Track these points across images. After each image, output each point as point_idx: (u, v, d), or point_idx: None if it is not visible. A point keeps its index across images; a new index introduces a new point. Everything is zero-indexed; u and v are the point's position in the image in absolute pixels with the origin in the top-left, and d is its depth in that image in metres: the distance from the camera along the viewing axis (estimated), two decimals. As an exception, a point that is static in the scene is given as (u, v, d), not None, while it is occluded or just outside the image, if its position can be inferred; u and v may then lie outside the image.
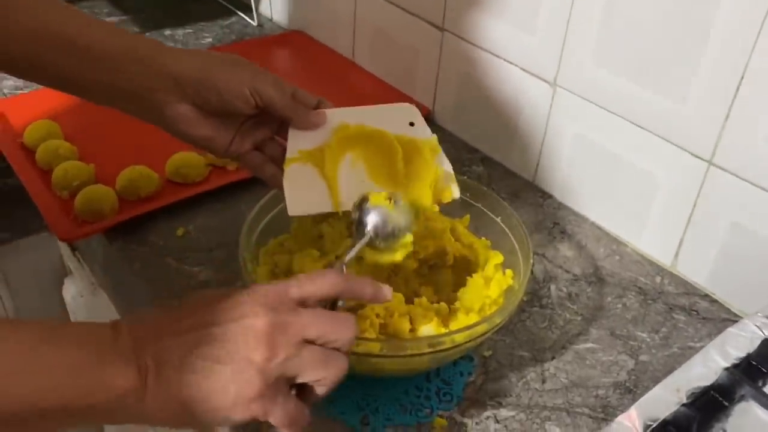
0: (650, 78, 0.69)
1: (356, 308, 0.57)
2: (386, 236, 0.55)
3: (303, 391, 0.46)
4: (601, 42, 0.72)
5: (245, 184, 0.82)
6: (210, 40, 1.17)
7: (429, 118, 0.99)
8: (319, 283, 0.47)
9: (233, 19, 1.24)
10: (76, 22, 0.59)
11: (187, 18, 1.23)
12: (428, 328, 0.55)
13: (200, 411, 0.42)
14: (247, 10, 1.24)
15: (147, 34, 1.18)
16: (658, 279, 0.74)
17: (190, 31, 1.19)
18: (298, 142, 0.61)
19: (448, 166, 0.61)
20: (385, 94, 1.02)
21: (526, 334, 0.66)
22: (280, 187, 0.60)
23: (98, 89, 0.60)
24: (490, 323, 0.54)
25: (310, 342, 0.44)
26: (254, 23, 1.23)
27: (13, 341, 0.40)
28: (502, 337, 0.65)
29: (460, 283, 0.64)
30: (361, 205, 0.56)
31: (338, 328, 0.45)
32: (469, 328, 0.53)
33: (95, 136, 0.90)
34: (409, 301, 0.60)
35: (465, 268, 0.65)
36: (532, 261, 0.60)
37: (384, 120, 0.62)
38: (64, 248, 1.01)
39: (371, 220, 0.55)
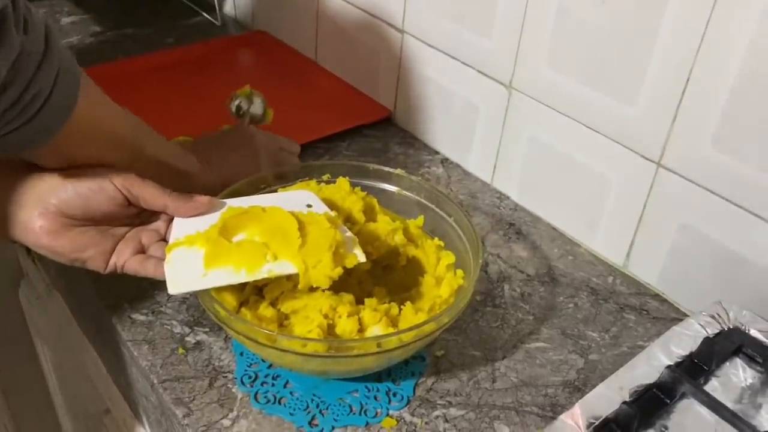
0: (601, 80, 0.70)
1: (304, 307, 0.57)
2: (253, 115, 0.79)
3: None
4: (554, 45, 0.73)
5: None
6: (172, 40, 1.16)
7: (391, 119, 0.99)
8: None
9: (197, 18, 1.24)
10: None
11: (150, 18, 1.22)
12: (376, 329, 0.55)
13: None
14: (211, 10, 1.23)
15: (108, 33, 1.16)
16: (610, 279, 0.75)
17: (153, 31, 1.18)
18: (183, 226, 0.57)
19: (348, 233, 0.58)
20: (348, 95, 1.03)
21: (479, 333, 0.67)
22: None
23: None
24: (438, 322, 0.54)
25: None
26: (218, 23, 1.22)
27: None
28: (455, 337, 0.66)
29: (413, 284, 0.65)
30: (233, 101, 0.79)
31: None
32: (416, 327, 0.53)
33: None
34: (362, 302, 0.60)
35: (418, 268, 0.65)
36: (481, 261, 0.60)
37: (280, 203, 0.59)
38: (20, 250, 1.00)
39: (244, 105, 0.79)
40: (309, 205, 0.61)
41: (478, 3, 0.80)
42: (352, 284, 0.64)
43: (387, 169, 0.70)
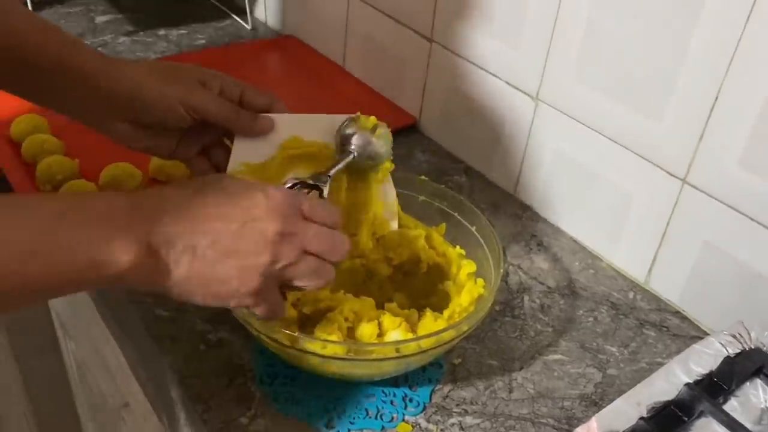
0: (628, 95, 0.70)
1: (325, 310, 0.58)
2: (366, 160, 0.60)
3: (286, 287, 0.51)
4: (582, 58, 0.73)
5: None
6: (203, 41, 1.18)
7: (415, 127, 1.00)
8: (328, 214, 0.51)
9: (227, 21, 1.25)
10: (26, 25, 0.60)
11: (182, 19, 1.24)
12: (396, 333, 0.56)
13: (199, 293, 0.47)
14: (242, 13, 1.25)
15: (141, 33, 1.18)
16: (630, 294, 0.74)
17: (184, 32, 1.20)
18: (242, 152, 0.60)
19: (392, 197, 0.61)
20: (373, 101, 1.03)
21: (497, 343, 0.67)
22: None
23: (44, 102, 0.62)
24: (458, 330, 0.55)
25: (308, 253, 0.49)
26: (248, 27, 1.24)
27: (26, 220, 0.41)
28: (473, 346, 0.66)
29: (433, 291, 0.65)
30: (348, 125, 0.60)
31: (335, 246, 0.51)
32: (436, 334, 0.53)
33: (82, 130, 0.89)
34: (382, 306, 0.60)
35: (438, 275, 0.65)
36: (502, 270, 0.61)
37: (332, 131, 0.61)
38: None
39: (356, 141, 0.60)
40: None
41: (507, 14, 0.80)
42: (373, 289, 0.65)
43: (411, 175, 0.71)
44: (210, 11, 1.29)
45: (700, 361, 0.56)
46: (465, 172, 0.92)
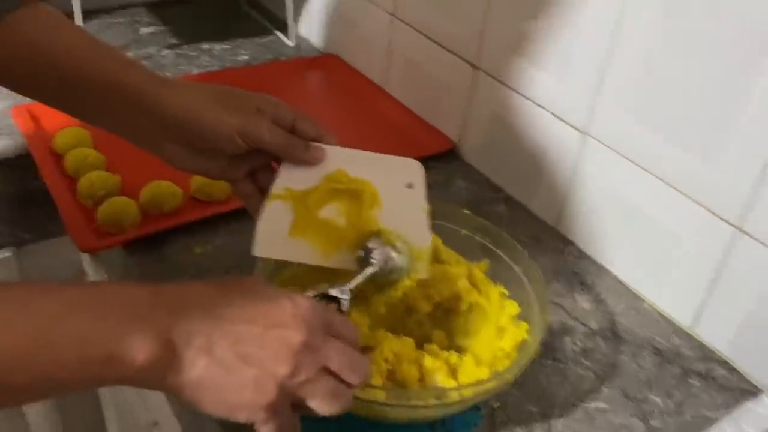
0: (682, 135, 0.68)
1: (365, 349, 0.56)
2: (387, 274, 0.59)
3: (298, 407, 0.47)
4: (636, 95, 0.71)
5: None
6: (246, 57, 1.18)
7: (455, 152, 0.98)
8: (350, 332, 0.49)
9: (271, 37, 1.26)
10: (80, 45, 0.60)
11: (226, 33, 1.24)
12: (436, 379, 0.54)
13: (209, 400, 0.43)
14: (285, 29, 1.25)
15: (185, 46, 1.19)
16: (675, 340, 0.72)
17: (228, 46, 1.21)
18: (287, 177, 0.59)
19: (425, 240, 0.60)
20: (414, 125, 1.02)
21: (537, 387, 0.65)
22: None
23: (91, 119, 0.62)
24: (500, 380, 0.53)
25: (328, 372, 0.46)
26: (291, 44, 1.23)
27: (35, 311, 0.39)
28: (512, 390, 0.64)
29: (474, 330, 0.63)
30: (371, 238, 0.59)
31: (356, 368, 0.47)
32: (478, 384, 0.52)
33: (125, 146, 0.90)
34: (420, 344, 0.59)
35: (480, 315, 0.64)
36: (548, 317, 0.59)
37: (383, 173, 0.59)
38: (84, 254, 1.02)
39: (378, 255, 0.58)
40: (410, 185, 0.59)
41: (557, 45, 0.78)
42: (411, 326, 0.64)
43: (453, 207, 0.69)
44: (254, 26, 1.29)
45: (752, 421, 0.54)
46: (505, 201, 0.90)
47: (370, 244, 0.59)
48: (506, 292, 0.64)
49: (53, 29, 0.60)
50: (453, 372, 0.56)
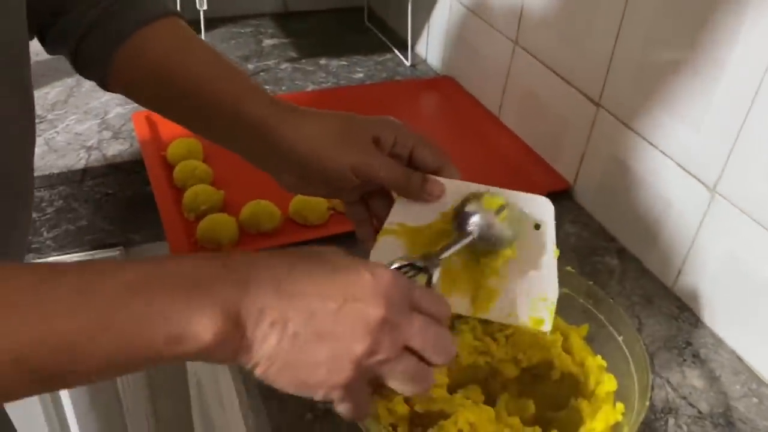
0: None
1: (439, 413, 0.53)
2: (487, 243, 0.53)
3: (376, 386, 0.45)
4: (778, 156, 0.63)
5: (362, 235, 0.80)
6: (361, 75, 1.17)
7: (568, 193, 0.92)
8: (437, 307, 0.45)
9: (388, 56, 1.24)
10: (207, 66, 0.60)
11: (344, 49, 1.24)
12: (515, 459, 0.50)
13: (284, 377, 0.41)
14: (403, 48, 1.23)
15: (303, 61, 1.20)
16: (802, 438, 0.63)
17: (345, 63, 1.20)
18: (401, 211, 0.57)
19: (553, 289, 0.54)
20: (527, 159, 0.97)
21: (630, 473, 0.58)
22: (367, 255, 0.57)
23: (214, 140, 0.63)
24: (586, 469, 0.48)
25: (409, 350, 0.43)
26: (407, 63, 1.21)
27: (94, 294, 0.37)
28: (601, 471, 0.58)
29: (564, 403, 0.58)
30: (469, 203, 0.54)
31: (441, 346, 0.44)
32: (560, 471, 0.47)
33: (233, 161, 0.91)
34: (502, 411, 0.55)
35: (572, 387, 0.58)
36: (648, 403, 0.52)
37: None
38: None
39: (476, 221, 0.53)
40: (537, 226, 0.55)
41: (692, 92, 0.71)
42: (496, 388, 0.59)
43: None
44: (373, 42, 1.28)
45: None
46: (618, 254, 0.83)
47: (468, 208, 0.54)
48: (605, 364, 0.59)
49: (181, 49, 0.61)
50: (534, 451, 0.51)
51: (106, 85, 0.62)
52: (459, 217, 0.55)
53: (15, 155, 0.53)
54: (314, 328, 0.40)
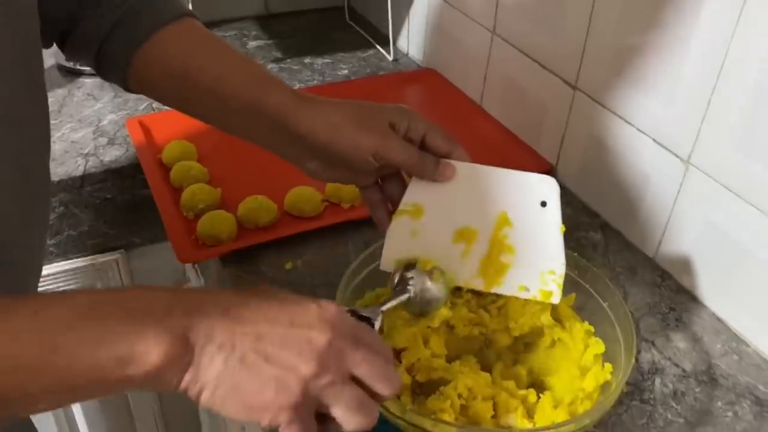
0: (796, 172, 0.63)
1: (439, 381, 0.56)
2: (422, 303, 0.57)
3: (320, 415, 0.44)
4: (745, 126, 0.67)
5: (356, 223, 0.84)
6: (346, 72, 1.20)
7: (551, 174, 0.95)
8: (380, 344, 0.46)
9: (370, 52, 1.27)
10: (224, 63, 0.62)
11: (328, 48, 1.27)
12: (511, 418, 0.53)
13: (231, 401, 0.41)
14: (386, 43, 1.26)
15: (288, 60, 1.23)
16: (780, 389, 0.67)
17: (329, 61, 1.23)
18: (416, 191, 0.60)
19: (560, 262, 0.58)
20: (509, 143, 1.01)
21: (620, 429, 0.62)
22: (383, 237, 0.60)
23: (237, 134, 0.64)
24: (578, 424, 0.51)
25: (355, 380, 0.44)
26: (390, 57, 1.25)
27: (45, 317, 0.39)
28: (594, 429, 0.62)
29: (555, 368, 0.62)
30: (408, 266, 0.58)
31: (385, 377, 0.44)
32: (554, 427, 0.51)
33: (226, 160, 0.95)
34: (497, 378, 0.58)
35: (562, 352, 0.62)
36: (634, 361, 0.56)
37: (515, 189, 0.58)
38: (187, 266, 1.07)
39: (414, 283, 0.57)
40: (543, 203, 0.58)
41: (661, 70, 0.75)
42: (490, 357, 0.63)
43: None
44: (355, 39, 1.31)
45: None
46: (601, 228, 0.87)
47: (408, 273, 0.58)
48: (592, 329, 0.62)
49: (199, 47, 0.62)
50: (529, 412, 0.55)
51: (127, 87, 0.64)
52: (399, 279, 0.58)
53: (33, 155, 0.54)
54: (262, 351, 0.41)
